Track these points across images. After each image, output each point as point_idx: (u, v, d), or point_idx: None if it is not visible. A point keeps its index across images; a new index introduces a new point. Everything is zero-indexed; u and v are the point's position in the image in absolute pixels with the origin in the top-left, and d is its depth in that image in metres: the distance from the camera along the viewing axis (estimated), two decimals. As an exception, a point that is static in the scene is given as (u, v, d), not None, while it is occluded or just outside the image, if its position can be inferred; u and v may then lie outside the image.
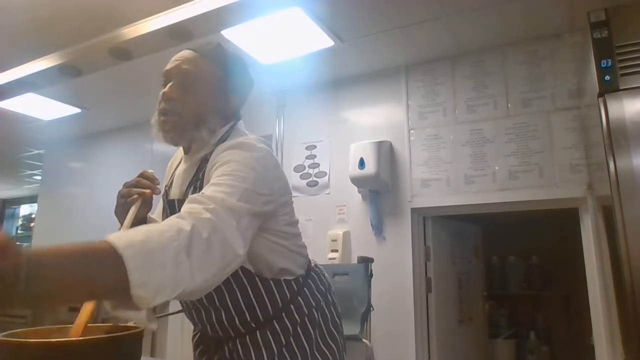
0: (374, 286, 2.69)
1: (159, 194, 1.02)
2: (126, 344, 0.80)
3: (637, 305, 1.54)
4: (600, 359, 2.32)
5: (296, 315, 1.05)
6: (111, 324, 0.89)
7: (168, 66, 1.07)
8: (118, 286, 0.60)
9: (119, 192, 1.01)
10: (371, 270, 2.71)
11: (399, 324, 2.82)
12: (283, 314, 1.04)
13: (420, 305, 2.87)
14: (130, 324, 0.89)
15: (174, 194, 1.09)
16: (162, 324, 3.28)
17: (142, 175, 1.02)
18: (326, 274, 1.22)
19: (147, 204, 1.00)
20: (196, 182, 1.01)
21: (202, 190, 0.83)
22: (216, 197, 0.79)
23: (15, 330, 0.78)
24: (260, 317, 1.02)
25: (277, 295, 1.03)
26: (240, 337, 1.04)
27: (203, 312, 1.04)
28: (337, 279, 2.72)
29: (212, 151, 1.01)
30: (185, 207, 0.77)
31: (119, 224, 1.01)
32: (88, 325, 0.83)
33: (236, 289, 1.01)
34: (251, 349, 1.02)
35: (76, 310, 0.81)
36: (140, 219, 1.02)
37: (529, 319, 4.49)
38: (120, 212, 1.00)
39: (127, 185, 1.01)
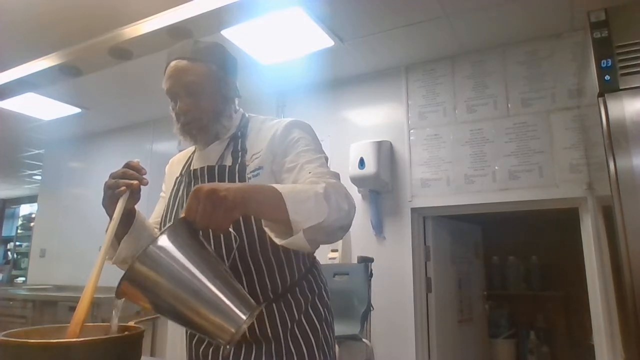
0: (374, 286, 2.69)
1: (146, 184, 1.00)
2: (126, 344, 0.80)
3: (637, 305, 1.54)
4: (600, 359, 2.32)
5: (307, 292, 1.14)
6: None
7: (168, 84, 1.13)
8: (281, 213, 0.85)
9: (106, 183, 0.98)
10: (371, 270, 2.71)
11: (399, 323, 2.82)
12: (297, 289, 1.12)
13: (420, 305, 2.87)
14: (131, 323, 0.89)
15: (199, 165, 1.18)
16: (162, 324, 3.28)
17: (128, 166, 1.00)
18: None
19: (135, 195, 0.99)
20: (237, 152, 1.15)
21: (297, 160, 1.07)
22: (324, 171, 1.04)
23: (15, 330, 0.78)
24: (279, 287, 1.10)
25: (294, 267, 1.13)
26: None
27: None
28: (337, 278, 2.72)
29: (239, 130, 1.18)
30: (310, 179, 1.00)
31: (108, 216, 1.00)
32: (89, 325, 0.83)
33: (263, 256, 1.07)
34: (267, 323, 1.07)
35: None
36: (129, 211, 1.02)
37: (529, 319, 4.48)
38: (108, 204, 0.98)
39: (113, 176, 0.98)
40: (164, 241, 0.76)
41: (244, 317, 0.76)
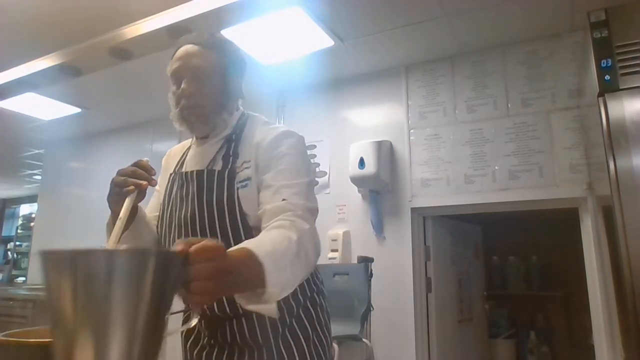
0: (374, 286, 2.69)
1: (155, 185, 0.99)
2: (126, 344, 0.79)
3: (637, 305, 1.54)
4: (600, 359, 2.32)
5: (299, 296, 1.13)
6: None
7: (175, 65, 1.12)
8: (259, 283, 0.77)
9: (113, 180, 0.98)
10: (371, 270, 2.71)
11: (399, 324, 2.82)
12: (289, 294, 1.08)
13: (420, 305, 2.87)
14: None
15: (191, 167, 1.17)
16: (162, 324, 3.27)
17: (138, 165, 0.99)
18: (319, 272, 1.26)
19: (141, 194, 0.99)
20: (228, 157, 1.12)
21: (276, 180, 1.03)
22: (298, 203, 1.00)
23: (15, 330, 0.78)
24: None
25: None
26: (247, 315, 1.07)
27: None
28: (337, 278, 2.72)
29: (234, 132, 1.16)
30: (282, 215, 0.95)
31: (110, 210, 1.00)
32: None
33: None
34: (257, 329, 1.06)
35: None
36: (133, 208, 1.02)
37: (529, 319, 4.48)
38: (114, 201, 0.98)
39: (122, 174, 0.97)
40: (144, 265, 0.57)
41: None
